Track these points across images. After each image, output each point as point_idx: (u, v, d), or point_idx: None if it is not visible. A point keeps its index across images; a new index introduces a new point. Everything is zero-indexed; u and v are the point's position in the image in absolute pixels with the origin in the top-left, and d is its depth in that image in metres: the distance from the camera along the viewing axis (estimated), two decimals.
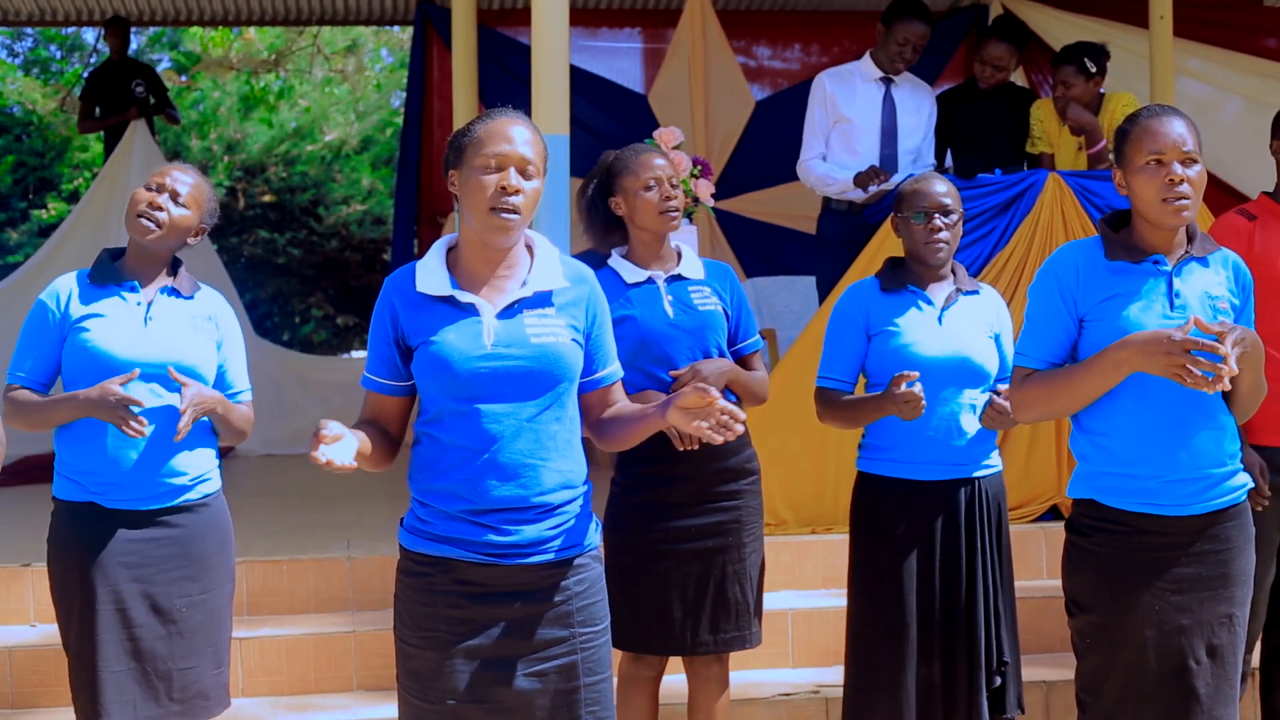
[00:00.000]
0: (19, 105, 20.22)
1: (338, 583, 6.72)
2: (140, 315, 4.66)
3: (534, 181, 3.64)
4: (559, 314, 3.69)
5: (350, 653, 6.27)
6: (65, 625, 4.66)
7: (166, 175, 4.76)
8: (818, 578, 6.99)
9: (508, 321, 3.64)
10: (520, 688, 3.61)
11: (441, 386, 3.62)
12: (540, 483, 3.63)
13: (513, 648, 3.62)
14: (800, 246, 9.59)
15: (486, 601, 3.62)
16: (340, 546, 6.98)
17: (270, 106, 20.77)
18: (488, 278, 3.69)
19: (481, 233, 3.65)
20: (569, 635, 3.66)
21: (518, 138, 3.63)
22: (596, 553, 3.78)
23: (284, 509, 8.25)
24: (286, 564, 6.68)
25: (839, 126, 7.89)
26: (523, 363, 3.60)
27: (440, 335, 3.62)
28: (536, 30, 6.59)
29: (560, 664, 3.64)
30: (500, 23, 11.68)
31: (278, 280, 19.53)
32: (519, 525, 3.61)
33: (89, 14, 13.28)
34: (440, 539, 3.63)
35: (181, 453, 4.65)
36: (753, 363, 5.16)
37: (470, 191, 3.63)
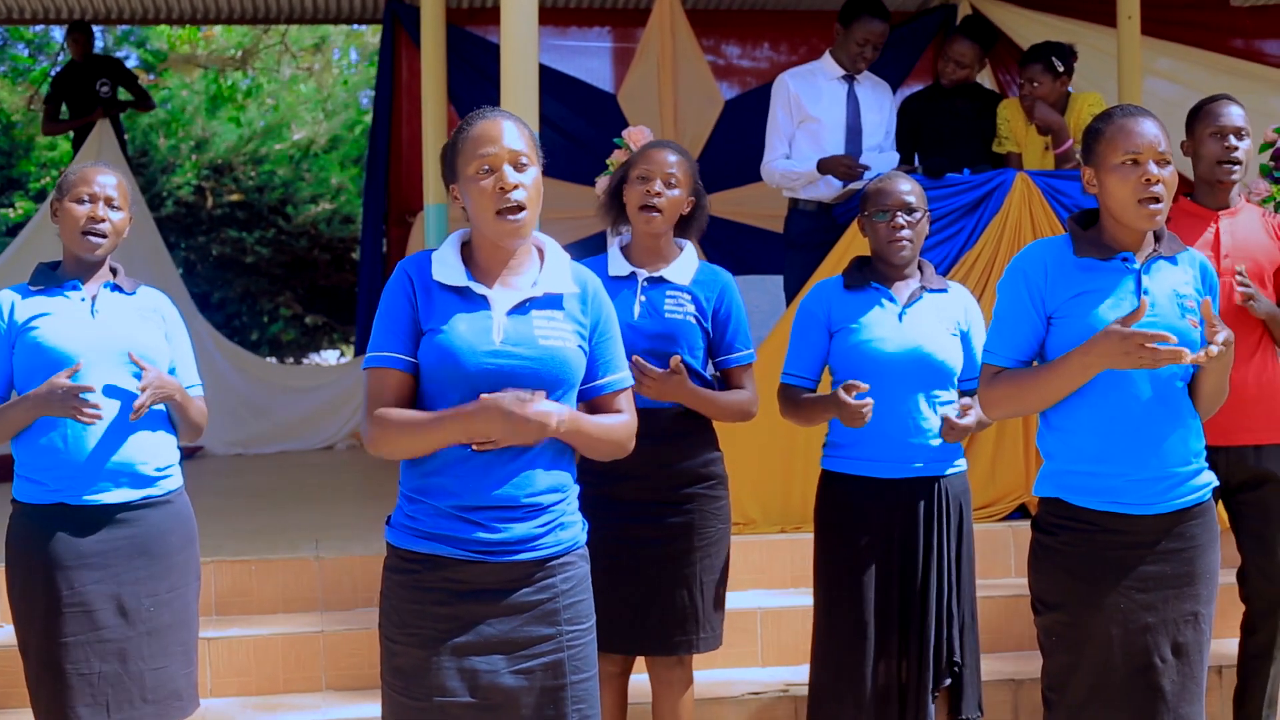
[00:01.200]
0: None
1: (306, 583, 6.71)
2: (86, 309, 4.67)
3: (531, 170, 3.66)
4: (566, 319, 3.70)
5: (319, 653, 6.26)
6: (25, 629, 4.63)
7: (93, 183, 4.73)
8: (786, 577, 7.00)
9: (517, 320, 3.64)
10: (507, 685, 3.62)
11: (447, 377, 3.61)
12: (533, 483, 3.64)
13: (500, 645, 3.62)
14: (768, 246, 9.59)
15: (474, 599, 3.62)
16: (309, 547, 6.97)
17: (238, 105, 20.72)
18: (499, 274, 3.70)
19: (494, 237, 3.66)
20: (556, 633, 3.67)
21: (502, 134, 3.65)
22: (583, 551, 3.79)
23: (252, 509, 8.23)
24: (255, 564, 6.66)
25: (804, 125, 7.91)
26: (529, 363, 3.60)
27: (451, 324, 3.61)
28: (505, 29, 6.58)
29: (547, 661, 3.65)
30: (469, 21, 11.67)
31: (246, 279, 19.46)
32: (509, 523, 3.61)
33: (55, 13, 13.22)
34: (429, 536, 3.63)
35: (142, 440, 4.63)
36: (737, 377, 5.12)
37: (473, 199, 3.65)
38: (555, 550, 3.68)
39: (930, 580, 4.97)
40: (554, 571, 3.69)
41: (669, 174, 5.04)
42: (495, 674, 3.62)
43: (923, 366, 4.96)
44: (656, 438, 4.94)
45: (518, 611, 3.64)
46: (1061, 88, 7.99)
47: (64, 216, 4.72)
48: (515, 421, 3.46)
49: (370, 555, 6.67)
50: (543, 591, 3.67)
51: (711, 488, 5.09)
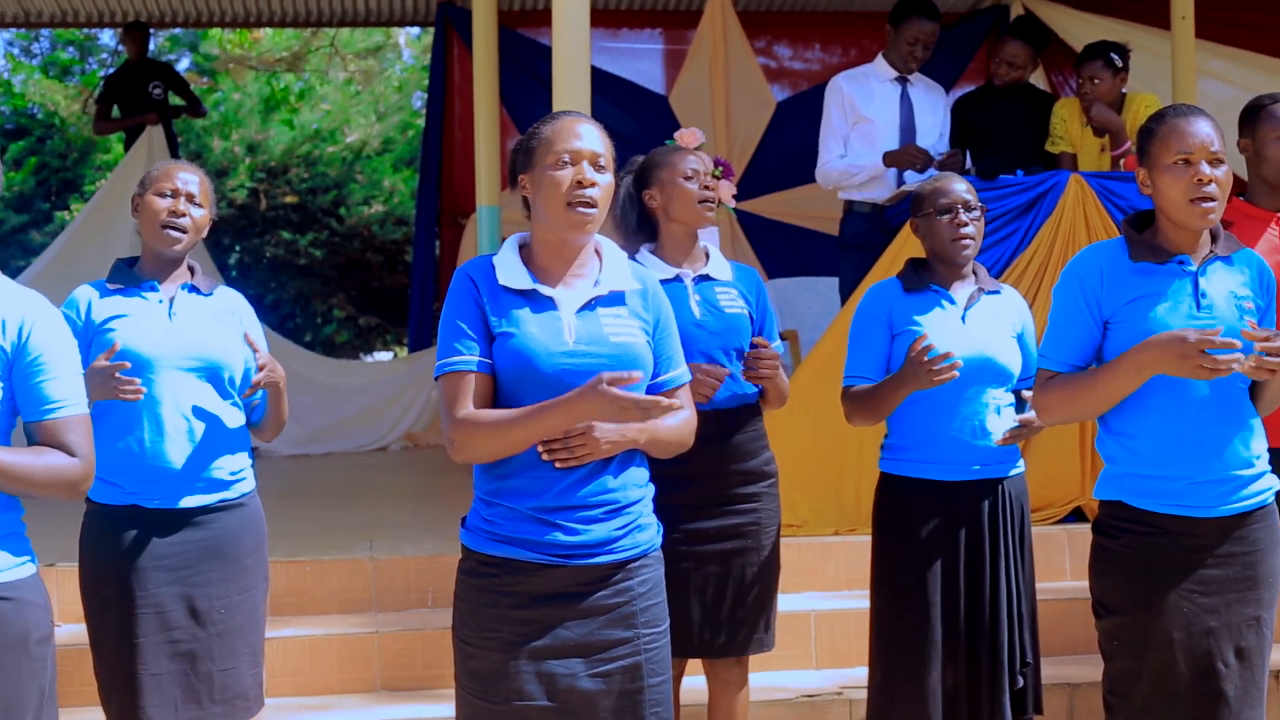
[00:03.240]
0: (40, 107, 20.26)
1: (360, 584, 6.73)
2: (164, 311, 4.67)
3: (606, 175, 3.68)
4: (631, 315, 3.72)
5: (373, 654, 6.28)
6: (98, 628, 4.64)
7: (175, 178, 4.74)
8: (840, 579, 6.99)
9: (586, 320, 3.66)
10: (585, 688, 3.62)
11: (522, 380, 3.61)
12: (610, 481, 3.65)
13: (578, 648, 3.62)
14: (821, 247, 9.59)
15: (551, 602, 3.62)
16: (363, 547, 6.99)
17: (291, 108, 20.79)
18: (562, 275, 3.71)
19: (560, 229, 3.67)
20: (633, 636, 3.67)
21: (586, 134, 3.69)
22: (658, 554, 3.79)
23: (307, 510, 8.26)
24: (310, 565, 6.69)
25: (858, 126, 7.90)
26: (604, 361, 3.60)
27: (523, 328, 3.62)
28: (557, 31, 6.59)
29: (625, 665, 3.65)
30: (521, 24, 11.70)
31: (299, 281, 19.53)
32: (588, 525, 3.62)
33: (109, 15, 13.32)
34: (507, 540, 3.63)
35: (217, 444, 4.65)
36: None
37: (545, 189, 3.66)
38: (633, 553, 3.69)
39: (1000, 583, 4.95)
40: (631, 574, 3.69)
41: (707, 169, 5.09)
42: (573, 677, 3.62)
43: (987, 369, 4.93)
44: (723, 438, 4.95)
45: (595, 614, 3.64)
46: (1120, 85, 7.95)
47: (144, 210, 4.72)
48: (620, 404, 3.43)
49: (424, 556, 6.69)
50: (620, 594, 3.67)
51: (771, 486, 5.10)
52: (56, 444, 3.55)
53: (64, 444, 3.55)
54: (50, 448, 3.55)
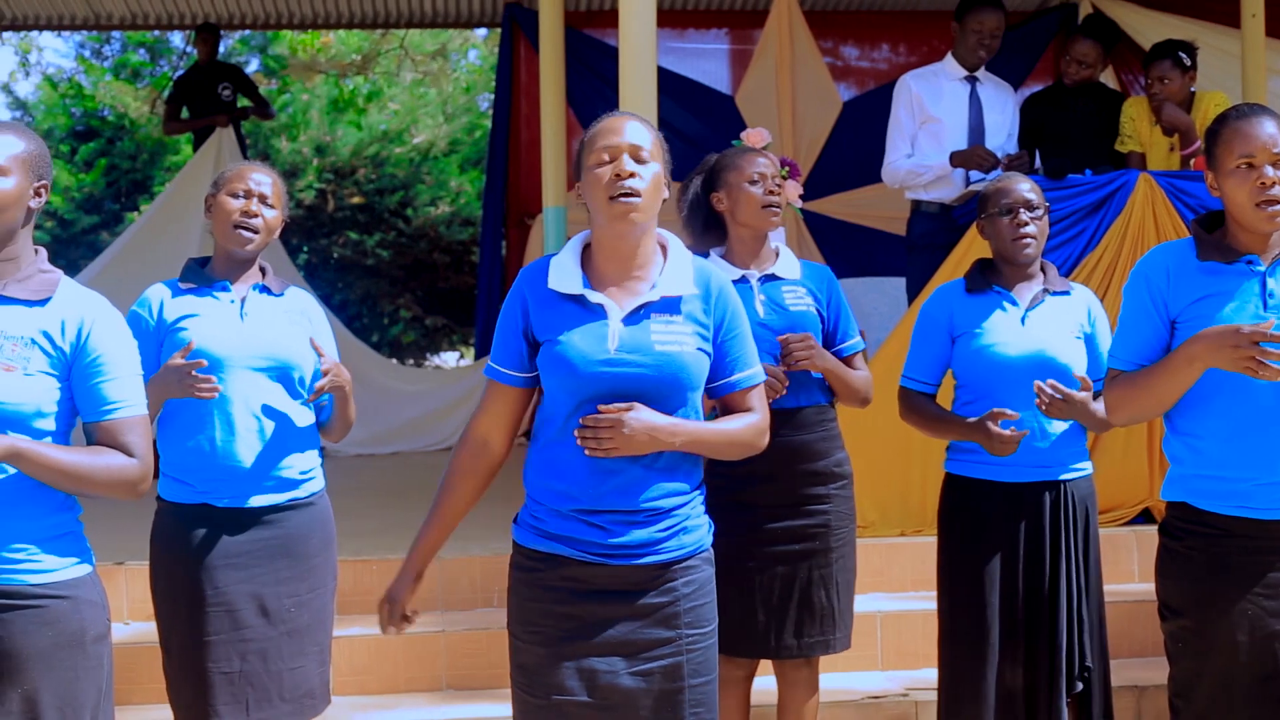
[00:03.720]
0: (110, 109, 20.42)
1: (427, 583, 6.62)
2: (235, 312, 4.69)
3: (651, 165, 3.67)
4: (686, 321, 3.69)
5: (440, 653, 6.29)
6: (168, 627, 4.67)
7: (248, 179, 4.75)
8: (906, 580, 6.97)
9: (633, 327, 3.64)
10: (625, 686, 3.62)
11: (563, 386, 3.64)
12: (651, 489, 3.64)
13: (619, 646, 3.63)
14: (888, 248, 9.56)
15: (594, 600, 3.63)
16: None
17: (359, 109, 20.89)
18: (619, 278, 3.71)
19: (607, 225, 3.67)
20: (676, 636, 3.66)
21: (625, 128, 3.69)
22: (708, 555, 3.78)
23: (373, 509, 8.28)
24: (376, 563, 6.71)
25: (926, 126, 7.88)
26: (644, 370, 3.60)
27: (567, 335, 3.63)
28: (624, 32, 6.59)
29: (666, 664, 3.64)
30: (587, 24, 11.70)
31: (366, 282, 19.61)
32: (629, 528, 3.62)
33: (179, 18, 13.41)
34: (552, 536, 3.65)
35: (287, 443, 4.67)
36: (853, 364, 5.13)
37: (590, 189, 3.68)
38: (678, 554, 3.68)
39: (1059, 585, 4.92)
40: (676, 575, 3.68)
41: (773, 172, 5.07)
42: (614, 675, 3.62)
43: (1045, 370, 4.90)
44: (793, 437, 4.94)
45: (638, 614, 3.64)
46: (1189, 84, 7.90)
47: (217, 210, 4.74)
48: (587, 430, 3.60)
49: (489, 555, 6.70)
50: (664, 595, 3.66)
51: (843, 487, 5.08)
52: (115, 444, 3.60)
53: (123, 444, 3.60)
54: (109, 448, 3.59)
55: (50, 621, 3.50)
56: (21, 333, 3.50)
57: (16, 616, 3.46)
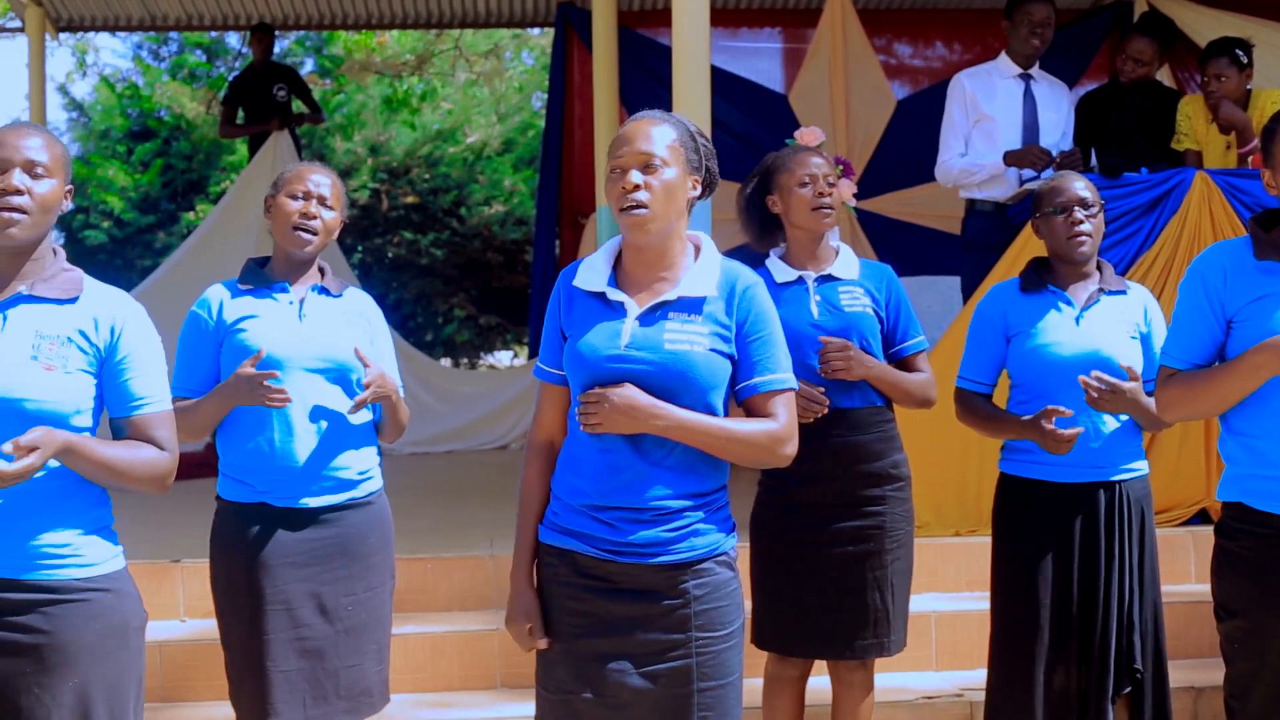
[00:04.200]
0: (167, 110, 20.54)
1: (481, 581, 6.77)
2: (294, 313, 4.71)
3: (664, 171, 3.66)
4: (706, 321, 3.68)
5: (494, 651, 6.31)
6: (228, 625, 4.70)
7: (307, 180, 4.77)
8: (961, 580, 6.95)
9: (649, 325, 3.66)
10: (633, 686, 3.63)
11: (577, 381, 3.68)
12: (658, 488, 3.63)
13: (628, 645, 3.64)
14: (943, 247, 9.52)
15: (605, 597, 3.65)
16: (484, 545, 7.03)
17: (413, 109, 20.95)
18: (644, 279, 3.73)
19: (623, 233, 3.72)
20: (685, 639, 3.64)
21: (637, 136, 3.69)
22: (725, 557, 3.74)
23: (428, 508, 8.32)
24: (431, 562, 6.74)
25: (980, 125, 7.87)
26: (649, 367, 3.61)
27: (585, 332, 3.67)
28: (677, 31, 6.59)
29: (674, 666, 3.63)
30: (640, 24, 11.71)
31: (421, 281, 19.66)
32: (636, 526, 3.63)
33: (234, 19, 13.48)
34: (566, 531, 3.69)
35: (346, 444, 4.70)
36: (915, 364, 5.11)
37: (609, 197, 3.71)
38: (689, 556, 3.65)
39: (1111, 586, 4.91)
40: (688, 577, 3.66)
41: (826, 173, 5.04)
42: (623, 674, 3.63)
43: (1100, 370, 4.87)
44: (846, 438, 4.94)
45: (649, 614, 3.64)
46: (1245, 81, 7.86)
47: (276, 211, 4.77)
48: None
49: None
50: (675, 596, 3.65)
51: (899, 489, 5.06)
52: (146, 438, 3.67)
53: (153, 438, 3.68)
54: (142, 442, 3.66)
55: (97, 614, 3.57)
56: (58, 332, 3.56)
57: (65, 610, 3.52)
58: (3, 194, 3.49)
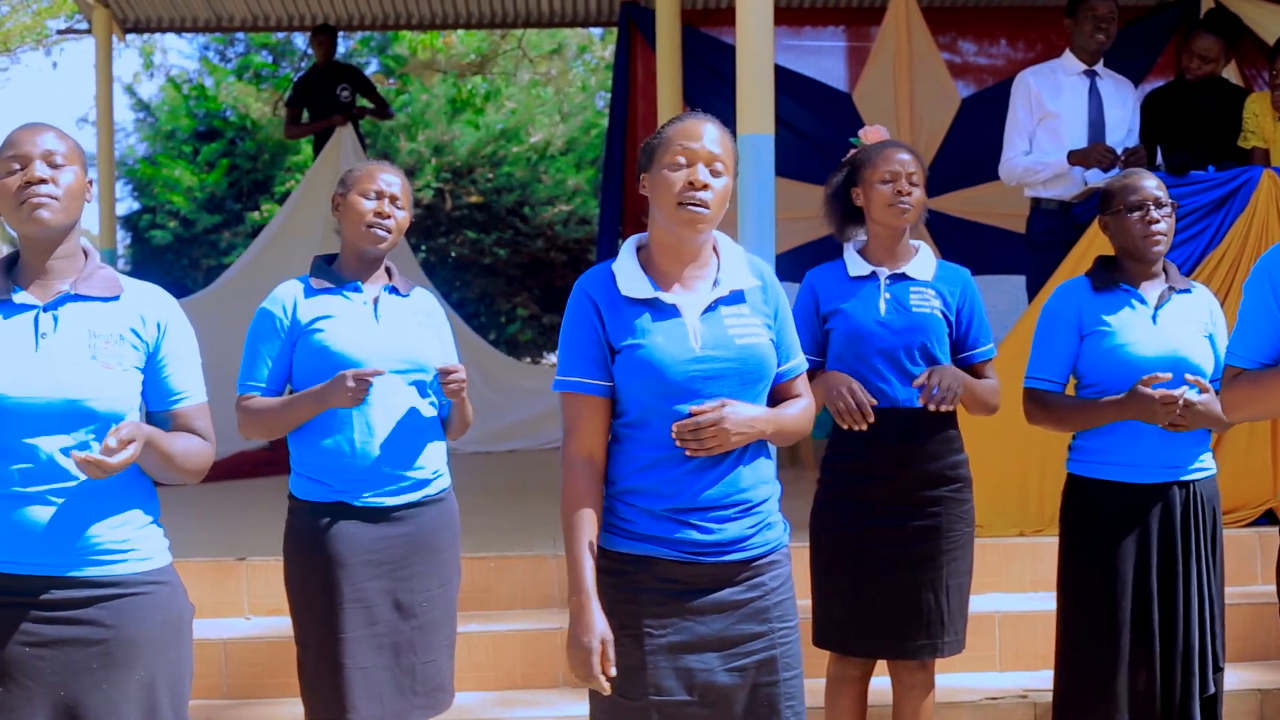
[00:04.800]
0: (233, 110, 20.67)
1: (544, 580, 6.78)
2: (369, 313, 4.75)
3: (722, 179, 3.67)
4: (753, 313, 3.73)
5: (557, 650, 6.32)
6: (304, 624, 4.73)
7: (379, 179, 4.80)
8: (1025, 580, 6.92)
9: (709, 323, 3.67)
10: (722, 683, 3.65)
11: (649, 389, 3.65)
12: (741, 481, 3.67)
13: (713, 643, 3.66)
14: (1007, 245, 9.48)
15: (686, 598, 3.65)
16: (546, 543, 7.05)
17: (477, 109, 21.02)
18: (680, 277, 3.73)
19: (672, 228, 3.69)
20: (767, 630, 3.70)
21: (705, 135, 3.68)
22: (787, 551, 3.82)
23: (490, 506, 8.34)
24: (494, 561, 6.76)
25: (1045, 122, 7.82)
26: (731, 365, 3.64)
27: (648, 339, 3.65)
28: (741, 30, 6.59)
29: (759, 659, 3.69)
30: (704, 23, 11.70)
31: (484, 280, 19.73)
32: (721, 524, 3.65)
33: (299, 19, 13.55)
34: (642, 537, 3.67)
35: (420, 443, 4.74)
36: (982, 371, 5.09)
37: (659, 189, 3.69)
38: (763, 549, 3.72)
39: (1190, 586, 4.87)
40: (763, 570, 3.72)
41: (911, 171, 5.01)
42: (710, 672, 3.65)
43: (1180, 369, 4.83)
44: (905, 438, 4.93)
45: (729, 610, 3.68)
46: None
47: (347, 210, 4.79)
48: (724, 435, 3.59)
49: None
50: (753, 590, 3.70)
51: (957, 490, 5.04)
52: (189, 429, 3.75)
53: (196, 429, 3.77)
54: (187, 433, 3.73)
55: (157, 607, 3.63)
56: (111, 330, 3.61)
57: (128, 604, 3.57)
58: (28, 184, 3.54)
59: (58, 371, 3.50)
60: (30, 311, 3.57)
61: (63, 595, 3.51)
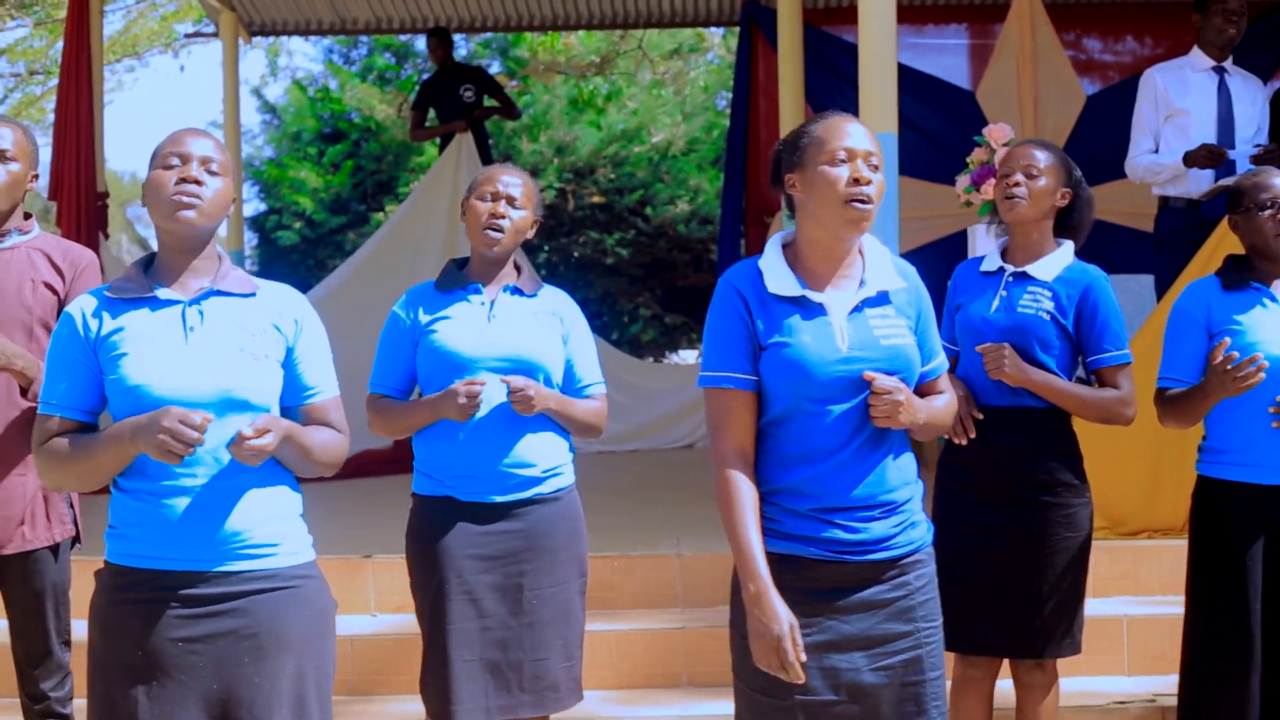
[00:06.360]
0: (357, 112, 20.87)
1: (667, 579, 6.79)
2: (484, 314, 4.78)
3: (879, 174, 3.67)
4: (898, 314, 3.72)
5: (679, 649, 6.33)
6: (420, 616, 4.79)
7: (497, 181, 4.84)
8: (1154, 584, 6.83)
9: (856, 323, 3.66)
10: (868, 682, 3.64)
11: (795, 388, 3.64)
12: (886, 480, 3.66)
13: (859, 643, 3.64)
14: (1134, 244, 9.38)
15: (831, 597, 3.64)
16: (670, 543, 7.05)
17: (598, 109, 21.09)
18: (829, 276, 3.72)
19: (835, 226, 3.66)
20: (912, 630, 3.69)
21: (860, 132, 3.68)
22: (931, 551, 3.80)
23: (614, 506, 8.35)
24: (617, 560, 6.77)
25: (1172, 120, 7.74)
26: (877, 365, 3.62)
27: (795, 337, 3.64)
28: (863, 28, 6.56)
29: (905, 659, 3.67)
30: (826, 21, 11.68)
31: (606, 280, 19.80)
32: (867, 523, 3.64)
33: (422, 21, 13.66)
34: (789, 537, 3.65)
35: (532, 441, 4.74)
36: (1109, 378, 4.98)
37: (819, 188, 3.65)
38: (908, 549, 3.70)
39: None
40: (908, 569, 3.71)
41: (1028, 165, 4.97)
42: (856, 672, 3.64)
43: None
44: (1014, 437, 4.90)
45: (875, 609, 3.66)
46: None
47: (469, 213, 4.86)
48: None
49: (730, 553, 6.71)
50: (898, 589, 3.69)
51: (1059, 494, 4.96)
52: (323, 423, 3.79)
53: (330, 422, 3.80)
54: (322, 426, 3.78)
55: (305, 600, 3.68)
56: (257, 324, 3.67)
57: (279, 597, 3.62)
58: (183, 181, 3.60)
59: (208, 364, 3.56)
60: (175, 306, 3.63)
61: (213, 590, 3.55)
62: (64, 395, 3.61)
